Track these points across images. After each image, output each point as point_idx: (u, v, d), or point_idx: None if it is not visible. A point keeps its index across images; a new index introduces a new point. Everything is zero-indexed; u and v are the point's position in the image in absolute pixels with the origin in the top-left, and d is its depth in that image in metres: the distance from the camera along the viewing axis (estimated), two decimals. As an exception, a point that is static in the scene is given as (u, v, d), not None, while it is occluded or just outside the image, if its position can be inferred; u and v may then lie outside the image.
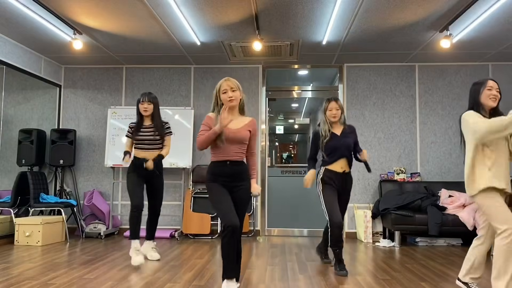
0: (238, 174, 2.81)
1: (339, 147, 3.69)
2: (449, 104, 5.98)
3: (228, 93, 2.77)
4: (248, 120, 2.89)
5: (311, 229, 5.99)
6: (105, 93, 6.28)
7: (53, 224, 5.24)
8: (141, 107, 4.04)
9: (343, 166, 3.72)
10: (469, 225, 4.90)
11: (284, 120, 7.39)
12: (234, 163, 2.80)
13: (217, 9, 4.20)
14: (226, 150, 2.79)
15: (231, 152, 2.79)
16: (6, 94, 5.93)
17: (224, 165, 2.79)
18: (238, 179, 2.81)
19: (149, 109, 4.03)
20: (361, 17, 4.39)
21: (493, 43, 5.14)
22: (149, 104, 4.03)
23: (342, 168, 3.71)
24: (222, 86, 2.80)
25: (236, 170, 2.80)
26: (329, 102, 3.76)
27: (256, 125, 2.94)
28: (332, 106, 3.73)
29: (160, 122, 4.11)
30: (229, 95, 2.76)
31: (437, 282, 3.31)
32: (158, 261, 4.11)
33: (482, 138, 2.60)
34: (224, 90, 2.78)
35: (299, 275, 3.55)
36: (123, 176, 6.16)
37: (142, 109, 4.03)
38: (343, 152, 3.70)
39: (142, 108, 4.03)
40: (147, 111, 4.03)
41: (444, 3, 4.01)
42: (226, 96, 2.77)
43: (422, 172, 5.90)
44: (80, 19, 4.46)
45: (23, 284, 3.18)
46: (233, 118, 2.83)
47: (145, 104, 4.02)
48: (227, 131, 2.76)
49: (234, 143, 2.79)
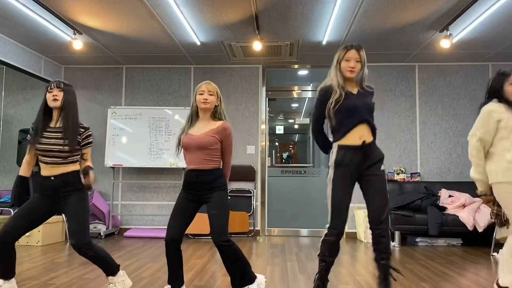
0: (206, 184, 2.66)
1: (358, 108, 2.53)
2: (449, 104, 5.98)
3: (204, 95, 2.70)
4: (217, 125, 2.71)
5: (311, 229, 5.99)
6: (105, 93, 6.28)
7: (53, 224, 5.24)
8: (49, 96, 2.69)
9: (363, 135, 2.53)
10: (469, 225, 4.90)
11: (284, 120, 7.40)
12: (200, 172, 2.66)
13: (217, 9, 4.19)
14: (192, 158, 2.69)
15: (197, 160, 2.67)
16: (6, 94, 5.94)
17: (191, 174, 2.69)
18: (207, 189, 2.66)
19: (60, 98, 2.67)
20: (361, 17, 4.39)
21: (493, 43, 5.14)
22: (60, 91, 2.68)
23: (361, 138, 2.52)
24: (200, 87, 2.73)
25: (204, 179, 2.66)
26: (346, 50, 2.58)
27: (228, 130, 2.72)
28: (351, 56, 2.56)
29: (74, 125, 2.70)
30: (204, 97, 2.70)
31: (437, 282, 3.31)
32: (158, 261, 4.11)
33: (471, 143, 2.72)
34: (201, 91, 2.72)
35: (299, 275, 3.55)
36: (123, 176, 6.16)
37: (51, 98, 2.67)
38: (362, 114, 2.54)
39: (51, 97, 2.67)
40: (58, 100, 2.67)
41: (444, 3, 4.01)
42: (201, 98, 2.71)
43: (422, 172, 5.90)
44: (80, 19, 4.46)
45: (23, 284, 3.17)
46: (202, 122, 2.76)
47: (54, 91, 2.67)
48: (185, 138, 2.71)
49: (196, 150, 2.68)
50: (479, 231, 4.89)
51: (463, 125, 5.93)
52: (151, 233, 5.68)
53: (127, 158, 5.80)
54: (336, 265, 3.95)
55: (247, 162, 6.06)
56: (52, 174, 2.67)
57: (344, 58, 2.58)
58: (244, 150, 6.07)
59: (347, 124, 2.52)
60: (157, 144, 5.83)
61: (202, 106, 2.71)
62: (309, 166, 6.64)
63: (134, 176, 6.14)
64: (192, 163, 2.70)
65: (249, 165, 6.03)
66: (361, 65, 2.57)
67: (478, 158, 2.68)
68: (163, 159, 5.79)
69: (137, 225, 6.07)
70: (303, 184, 6.11)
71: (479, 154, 2.67)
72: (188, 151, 2.71)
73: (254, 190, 6.00)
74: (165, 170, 6.09)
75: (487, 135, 2.64)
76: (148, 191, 6.12)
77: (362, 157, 2.52)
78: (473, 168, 2.73)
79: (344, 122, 2.53)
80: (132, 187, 6.14)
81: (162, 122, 5.88)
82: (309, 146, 7.32)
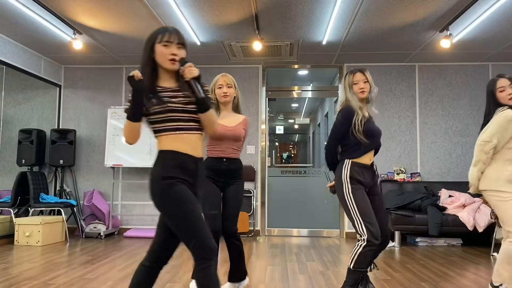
0: (235, 171, 2.84)
1: (379, 133, 2.75)
2: (449, 104, 5.98)
3: (223, 89, 2.80)
4: (242, 118, 2.93)
5: (311, 229, 5.99)
6: (105, 93, 6.28)
7: (53, 224, 5.24)
8: None
9: (371, 157, 2.75)
10: (469, 225, 4.90)
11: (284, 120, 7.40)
12: (230, 160, 2.82)
13: (217, 9, 4.19)
14: (225, 148, 2.80)
15: (229, 150, 2.82)
16: (6, 94, 5.94)
17: (221, 162, 2.80)
18: (233, 177, 2.84)
19: None
20: (361, 17, 4.39)
21: (493, 43, 5.14)
22: None
23: (371, 160, 2.74)
24: (218, 81, 2.82)
25: (235, 167, 2.84)
26: (353, 74, 2.76)
27: (248, 123, 2.98)
28: (358, 79, 2.73)
29: None
30: (223, 91, 2.80)
31: (437, 282, 3.31)
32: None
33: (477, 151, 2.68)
34: (219, 85, 2.81)
35: (299, 275, 3.55)
36: (123, 176, 6.16)
37: None
38: (379, 140, 2.77)
39: None
40: None
41: (444, 3, 4.01)
42: (220, 92, 2.80)
43: (422, 172, 5.90)
44: (80, 19, 4.46)
45: (23, 284, 3.17)
46: (228, 113, 2.88)
47: None
48: (223, 129, 2.78)
49: (230, 140, 2.82)
50: (479, 231, 4.88)
51: (463, 125, 5.93)
52: (151, 233, 5.68)
53: (127, 158, 5.80)
54: (336, 265, 3.95)
55: (247, 162, 6.05)
56: None
57: (353, 81, 2.73)
58: (244, 150, 6.07)
59: (369, 146, 2.66)
60: (157, 144, 5.83)
61: (222, 100, 2.83)
62: (309, 166, 6.64)
63: (134, 176, 6.14)
64: (225, 153, 2.81)
65: (249, 165, 6.03)
66: (369, 85, 2.72)
67: (486, 164, 2.65)
68: (163, 159, 5.78)
69: (137, 225, 6.07)
70: (303, 184, 6.11)
71: (488, 160, 2.64)
72: (223, 141, 2.81)
73: (254, 190, 6.00)
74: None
75: (501, 142, 2.61)
76: (148, 191, 6.11)
77: (371, 175, 2.70)
78: (475, 170, 2.68)
79: (366, 143, 2.65)
80: (132, 187, 6.14)
81: (162, 122, 5.87)
82: (309, 146, 7.32)
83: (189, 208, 1.71)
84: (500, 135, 2.59)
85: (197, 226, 1.69)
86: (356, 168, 2.63)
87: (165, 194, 1.72)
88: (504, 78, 2.65)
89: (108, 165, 5.81)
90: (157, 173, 1.76)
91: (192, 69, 1.82)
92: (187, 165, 1.80)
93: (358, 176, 2.62)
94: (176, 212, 1.71)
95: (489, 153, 2.62)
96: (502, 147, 2.61)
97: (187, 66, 1.82)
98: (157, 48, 1.84)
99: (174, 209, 1.71)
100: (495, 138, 2.59)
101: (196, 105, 1.83)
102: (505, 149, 2.61)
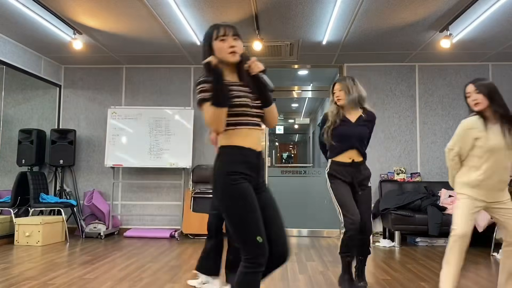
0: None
1: (350, 136, 3.05)
2: (449, 104, 5.98)
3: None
4: None
5: (311, 229, 5.99)
6: (105, 93, 6.28)
7: (53, 224, 5.24)
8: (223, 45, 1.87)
9: (352, 156, 3.05)
10: (469, 225, 4.90)
11: (284, 120, 7.40)
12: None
13: (217, 9, 4.20)
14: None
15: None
16: (6, 94, 5.93)
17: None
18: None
19: None
20: (361, 17, 4.39)
21: (493, 43, 5.14)
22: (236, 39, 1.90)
23: (351, 158, 3.04)
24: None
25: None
26: (333, 85, 3.18)
27: None
28: (335, 88, 3.13)
29: None
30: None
31: (437, 282, 3.31)
32: (158, 261, 4.11)
33: None
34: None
35: (299, 275, 3.55)
36: (123, 176, 6.16)
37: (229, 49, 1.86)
38: (353, 142, 3.04)
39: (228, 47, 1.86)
40: None
41: (444, 3, 4.01)
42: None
43: (422, 172, 5.90)
44: (80, 19, 4.46)
45: (23, 284, 3.18)
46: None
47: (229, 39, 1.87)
48: None
49: None
50: (479, 231, 4.88)
51: (463, 125, 5.93)
52: (151, 233, 5.68)
53: (127, 158, 5.80)
54: (336, 265, 3.95)
55: (247, 162, 6.05)
56: None
57: (332, 91, 3.16)
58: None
59: (340, 147, 3.06)
60: (157, 144, 5.84)
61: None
62: (309, 166, 6.65)
63: (134, 176, 6.14)
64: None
65: (249, 165, 6.02)
66: (344, 92, 3.07)
67: (455, 170, 2.78)
68: (163, 159, 5.79)
69: (137, 225, 6.07)
70: (303, 184, 6.11)
71: (456, 165, 2.75)
72: None
73: (254, 190, 5.99)
74: (165, 170, 6.08)
75: (463, 150, 2.67)
76: (148, 191, 6.12)
77: (353, 170, 3.04)
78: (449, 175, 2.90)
79: (338, 145, 3.06)
80: (132, 187, 6.14)
81: (162, 122, 5.88)
82: (309, 146, 7.32)
83: (248, 208, 1.73)
84: (461, 143, 2.65)
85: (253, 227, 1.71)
86: (334, 166, 3.07)
87: (228, 189, 1.75)
88: (471, 84, 2.62)
89: (108, 165, 5.81)
90: (223, 168, 1.77)
91: (258, 63, 1.84)
92: (251, 159, 1.81)
93: (335, 173, 3.04)
94: (236, 210, 1.73)
95: (454, 159, 2.72)
96: (467, 154, 2.67)
97: (252, 60, 1.84)
98: (215, 45, 1.84)
99: (234, 206, 1.73)
100: (457, 146, 2.67)
101: (264, 99, 1.85)
102: (470, 156, 2.67)
